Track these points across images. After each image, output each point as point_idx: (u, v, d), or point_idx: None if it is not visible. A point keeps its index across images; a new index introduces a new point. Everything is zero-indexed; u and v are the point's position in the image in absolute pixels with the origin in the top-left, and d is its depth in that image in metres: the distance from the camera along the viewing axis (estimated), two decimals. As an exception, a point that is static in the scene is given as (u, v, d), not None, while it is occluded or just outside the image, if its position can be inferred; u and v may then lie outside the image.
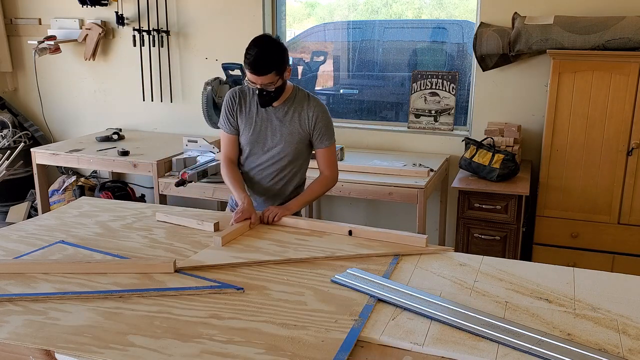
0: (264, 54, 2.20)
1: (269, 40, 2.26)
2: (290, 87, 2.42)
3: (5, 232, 2.26)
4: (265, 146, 2.45)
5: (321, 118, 2.41)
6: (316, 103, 2.42)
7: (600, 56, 2.98)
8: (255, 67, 2.20)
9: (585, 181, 3.11)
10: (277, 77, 2.25)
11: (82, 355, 1.39)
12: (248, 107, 2.44)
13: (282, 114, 2.41)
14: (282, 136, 2.42)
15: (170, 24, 4.28)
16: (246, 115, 2.44)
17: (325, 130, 2.43)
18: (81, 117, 4.79)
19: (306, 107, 2.41)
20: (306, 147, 2.48)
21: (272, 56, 2.22)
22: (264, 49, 2.20)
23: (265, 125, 2.43)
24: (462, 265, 1.93)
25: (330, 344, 1.43)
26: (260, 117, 2.43)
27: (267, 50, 2.21)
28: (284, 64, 2.27)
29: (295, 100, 2.41)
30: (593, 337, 1.47)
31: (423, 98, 3.83)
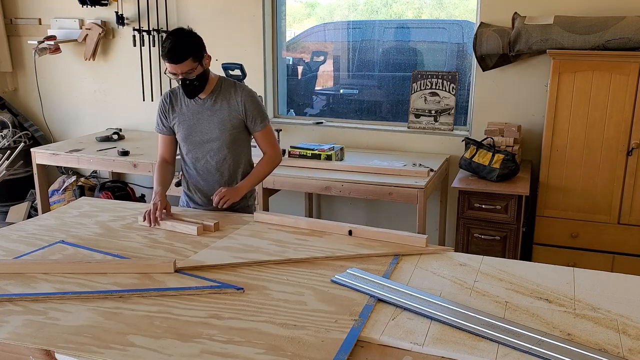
0: (179, 42, 2.28)
1: (181, 31, 2.35)
2: (215, 78, 2.48)
3: (5, 232, 2.26)
4: (202, 138, 2.50)
5: (250, 103, 2.47)
6: (242, 89, 2.50)
7: (600, 56, 2.98)
8: (172, 55, 2.27)
9: (585, 181, 3.11)
10: (195, 63, 2.31)
11: (82, 355, 1.39)
12: (179, 105, 2.50)
13: (210, 104, 2.47)
14: (215, 125, 2.48)
15: (170, 24, 4.28)
16: (178, 113, 2.50)
17: (257, 113, 2.50)
18: (81, 117, 4.79)
19: (234, 95, 2.47)
20: (243, 133, 2.54)
21: (187, 43, 2.30)
22: (178, 38, 2.29)
23: (197, 118, 2.48)
24: (462, 265, 1.93)
25: (330, 344, 1.43)
26: (191, 111, 2.49)
27: (181, 38, 2.30)
28: (200, 50, 2.34)
29: (222, 89, 2.48)
30: (593, 337, 1.47)
31: (423, 98, 3.83)
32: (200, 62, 2.34)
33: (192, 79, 2.34)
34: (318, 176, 3.23)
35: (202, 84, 2.40)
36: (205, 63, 2.37)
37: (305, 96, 4.50)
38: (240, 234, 2.22)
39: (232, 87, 2.49)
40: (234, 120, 2.48)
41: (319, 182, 3.22)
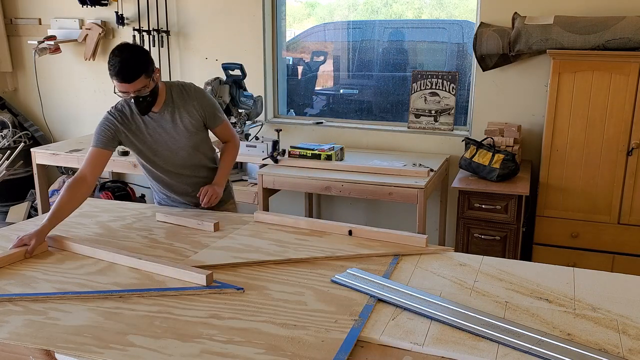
0: (129, 60, 2.18)
1: (128, 47, 2.24)
2: (163, 88, 2.39)
3: (5, 232, 2.26)
4: (171, 151, 2.45)
5: (205, 102, 2.47)
6: (193, 90, 2.46)
7: (600, 56, 2.98)
8: (124, 75, 2.17)
9: (585, 181, 3.11)
10: (147, 79, 2.22)
11: (82, 355, 1.39)
12: (133, 124, 2.40)
13: (169, 116, 2.40)
14: (181, 135, 2.43)
15: (170, 24, 4.28)
16: (135, 132, 2.40)
17: (214, 111, 2.51)
18: (81, 117, 4.79)
19: (188, 100, 2.43)
20: (204, 131, 2.54)
21: (137, 60, 2.20)
22: (126, 55, 2.18)
23: (159, 133, 2.41)
24: (462, 265, 1.92)
25: (330, 344, 1.43)
26: (150, 128, 2.40)
27: (131, 55, 2.19)
28: (151, 65, 2.24)
29: (173, 98, 2.40)
30: (593, 337, 1.47)
31: (423, 98, 3.83)
32: (152, 77, 2.25)
33: (146, 96, 2.25)
34: (318, 176, 3.23)
35: (155, 99, 2.32)
36: (156, 77, 2.28)
37: (305, 96, 4.50)
38: (240, 234, 2.22)
39: (182, 92, 2.43)
40: (196, 124, 2.46)
41: (319, 182, 3.22)
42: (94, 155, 2.35)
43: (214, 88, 3.45)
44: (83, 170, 2.32)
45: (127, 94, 2.23)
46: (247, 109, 3.66)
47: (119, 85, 2.22)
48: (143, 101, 2.27)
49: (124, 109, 2.41)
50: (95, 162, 2.35)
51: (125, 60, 2.17)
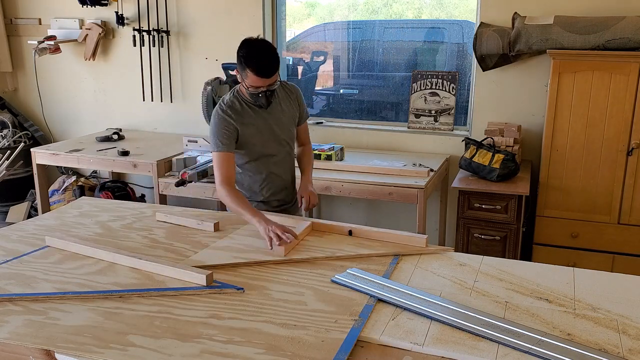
0: (270, 57, 2.23)
1: (263, 42, 2.27)
2: None
3: (5, 232, 2.27)
4: (278, 140, 2.47)
5: (301, 98, 2.56)
6: (291, 85, 2.55)
7: (600, 56, 2.98)
8: (267, 71, 2.22)
9: (585, 181, 3.11)
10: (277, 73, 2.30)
11: (82, 355, 1.39)
12: (245, 116, 2.39)
13: (277, 106, 2.45)
14: (285, 124, 2.49)
15: (170, 24, 4.28)
16: (247, 125, 2.39)
17: (305, 106, 2.59)
18: (81, 117, 4.79)
19: (289, 93, 2.51)
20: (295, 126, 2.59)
21: (276, 56, 2.26)
22: (268, 53, 2.23)
23: (268, 123, 2.43)
24: (462, 265, 1.93)
25: (330, 344, 1.43)
26: (261, 118, 2.41)
27: (271, 52, 2.24)
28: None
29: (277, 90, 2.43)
30: (593, 337, 1.47)
31: (423, 98, 3.83)
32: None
33: (274, 89, 2.31)
34: (318, 176, 3.22)
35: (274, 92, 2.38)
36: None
37: (305, 96, 4.49)
38: (240, 234, 2.22)
39: (283, 86, 2.51)
40: (293, 118, 2.53)
41: (319, 182, 3.22)
42: (224, 161, 2.35)
43: (214, 88, 3.45)
44: (225, 175, 2.34)
45: (258, 88, 2.26)
46: (247, 109, 3.66)
47: (256, 80, 2.23)
48: (271, 94, 2.33)
49: (234, 104, 2.39)
50: (228, 165, 2.37)
51: (268, 57, 2.22)
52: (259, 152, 2.45)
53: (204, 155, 3.54)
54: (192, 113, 4.27)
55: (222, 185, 2.31)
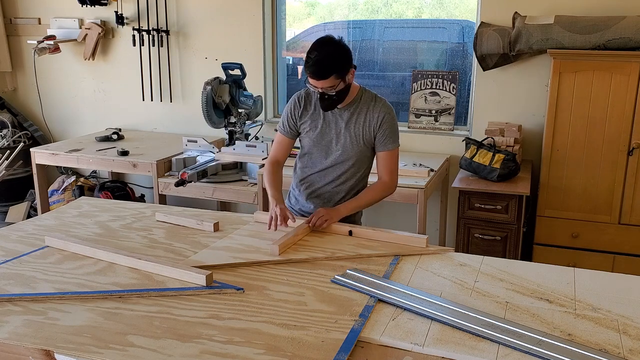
0: (323, 58, 2.14)
1: (329, 42, 2.18)
2: (355, 88, 2.33)
3: (5, 232, 2.26)
4: (330, 149, 2.37)
5: (387, 119, 2.31)
6: (382, 103, 2.33)
7: (601, 56, 2.98)
8: (315, 71, 2.14)
9: (585, 181, 3.11)
10: (337, 80, 2.17)
11: (82, 355, 1.39)
12: (313, 109, 2.36)
13: (347, 116, 2.33)
14: (346, 139, 2.34)
15: (170, 23, 4.28)
16: (311, 117, 2.37)
17: (390, 132, 2.32)
18: (81, 117, 4.78)
19: (372, 108, 2.32)
20: (370, 151, 2.38)
21: (332, 60, 2.15)
22: (323, 53, 2.14)
23: (330, 128, 2.36)
24: (463, 266, 1.92)
25: (330, 344, 1.42)
26: (326, 120, 2.36)
27: (327, 53, 2.14)
28: (345, 67, 2.18)
29: (361, 101, 2.32)
30: (594, 337, 1.47)
31: (423, 98, 3.83)
32: (344, 78, 2.19)
33: (332, 94, 2.21)
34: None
35: (341, 98, 2.26)
36: (348, 79, 2.22)
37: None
38: (240, 234, 2.22)
39: (372, 101, 2.33)
40: (367, 136, 2.33)
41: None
42: (280, 141, 2.46)
43: (214, 88, 3.45)
44: (274, 155, 2.47)
45: (316, 88, 2.21)
46: (247, 109, 3.66)
47: (310, 79, 2.19)
48: (328, 99, 2.23)
49: (313, 93, 2.35)
50: (282, 147, 2.47)
51: (321, 57, 2.14)
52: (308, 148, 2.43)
53: (203, 155, 3.54)
54: (192, 113, 4.27)
55: (268, 161, 2.47)
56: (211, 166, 3.34)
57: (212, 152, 3.56)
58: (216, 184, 3.36)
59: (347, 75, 2.21)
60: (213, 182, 3.36)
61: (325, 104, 2.26)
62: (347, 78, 2.22)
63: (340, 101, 2.28)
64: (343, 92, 2.25)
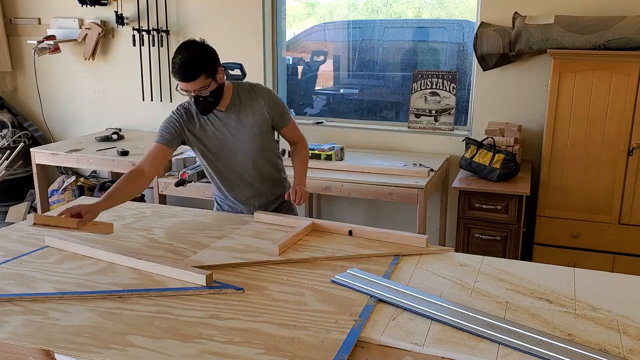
0: (189, 59, 2.14)
1: (191, 45, 2.19)
2: (230, 87, 2.36)
3: (4, 232, 2.26)
4: (234, 151, 2.40)
5: (272, 101, 2.42)
6: (260, 89, 2.42)
7: (601, 56, 2.98)
8: (183, 73, 2.14)
9: (585, 181, 3.11)
10: (208, 80, 2.19)
11: (82, 355, 1.39)
12: (197, 123, 2.37)
13: (235, 116, 2.36)
14: (245, 135, 2.38)
15: (170, 23, 4.28)
16: (199, 131, 2.37)
17: (281, 110, 2.45)
18: (81, 117, 4.78)
19: (255, 98, 2.38)
20: (270, 133, 2.49)
21: (198, 59, 2.16)
22: (188, 54, 2.15)
23: (223, 133, 2.38)
24: (463, 266, 1.92)
25: (330, 344, 1.42)
26: (215, 128, 2.37)
27: (192, 54, 2.15)
28: (213, 65, 2.20)
29: (240, 98, 2.36)
30: (594, 337, 1.47)
31: (423, 98, 3.83)
32: (214, 77, 2.21)
33: (206, 96, 2.23)
34: (318, 176, 3.22)
35: (217, 99, 2.28)
36: (218, 78, 2.24)
37: (305, 96, 4.50)
38: (240, 234, 2.22)
39: (250, 92, 2.39)
40: (262, 123, 2.40)
41: (319, 182, 3.21)
42: (155, 151, 2.33)
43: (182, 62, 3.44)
44: (142, 163, 2.31)
45: (188, 93, 2.21)
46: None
47: (180, 84, 2.19)
48: (203, 101, 2.24)
49: (191, 107, 2.38)
50: (154, 157, 2.32)
51: (186, 58, 2.14)
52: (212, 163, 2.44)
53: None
54: (192, 113, 4.26)
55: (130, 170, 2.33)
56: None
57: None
58: (216, 184, 3.35)
59: (217, 75, 2.22)
60: (213, 182, 3.35)
61: (202, 106, 2.27)
62: (218, 77, 2.23)
63: (216, 102, 2.29)
64: (217, 93, 2.26)
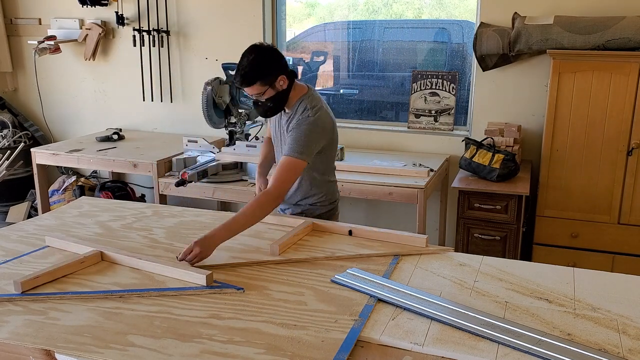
0: (248, 65, 2.16)
1: (253, 50, 2.19)
2: (297, 95, 2.30)
3: (5, 232, 2.26)
4: (279, 152, 2.43)
5: (296, 127, 2.24)
6: (305, 114, 2.25)
7: (601, 56, 2.98)
8: (239, 79, 2.18)
9: (585, 181, 3.11)
10: (264, 87, 2.18)
11: (82, 355, 1.39)
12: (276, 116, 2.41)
13: (285, 121, 2.36)
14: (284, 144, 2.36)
15: (170, 24, 4.28)
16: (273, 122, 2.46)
17: (291, 139, 2.22)
18: (81, 117, 4.79)
19: (297, 116, 2.28)
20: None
21: (253, 67, 2.16)
22: (249, 60, 2.16)
23: (278, 134, 2.42)
24: (462, 265, 1.92)
25: (330, 344, 1.43)
26: (278, 126, 2.41)
27: (252, 60, 2.16)
28: (270, 73, 2.18)
29: (297, 109, 2.30)
30: (593, 337, 1.47)
31: (423, 98, 3.83)
32: (272, 85, 2.19)
33: (263, 101, 2.24)
34: (318, 176, 3.22)
35: (277, 105, 2.26)
36: (278, 85, 2.20)
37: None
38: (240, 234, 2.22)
39: (304, 110, 2.27)
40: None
41: (319, 182, 3.21)
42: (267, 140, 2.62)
43: (214, 88, 3.45)
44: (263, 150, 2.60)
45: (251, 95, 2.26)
46: (247, 109, 3.66)
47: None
48: (262, 105, 2.26)
49: None
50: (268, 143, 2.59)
51: (245, 63, 2.16)
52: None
53: (203, 155, 3.54)
54: (192, 113, 4.27)
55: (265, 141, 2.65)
56: (211, 166, 3.34)
57: (212, 152, 3.56)
58: (216, 184, 3.36)
59: (276, 83, 2.20)
60: (213, 182, 3.36)
61: (259, 110, 2.30)
62: (277, 85, 2.21)
63: (276, 109, 2.29)
64: (276, 100, 2.24)
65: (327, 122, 2.30)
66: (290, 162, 2.18)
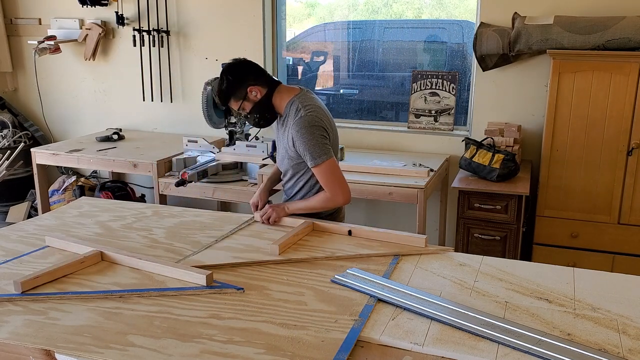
0: (219, 87, 2.29)
1: (223, 70, 2.29)
2: (286, 98, 2.30)
3: (5, 232, 2.26)
4: (277, 160, 2.49)
5: (297, 138, 2.22)
6: (296, 121, 2.23)
7: (601, 56, 2.98)
8: (218, 100, 2.38)
9: (585, 181, 3.11)
10: (239, 102, 2.27)
11: (82, 355, 1.39)
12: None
13: (281, 130, 2.38)
14: (283, 148, 2.38)
15: (170, 24, 4.28)
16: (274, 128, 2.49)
17: (304, 150, 2.22)
18: (81, 117, 4.79)
19: (290, 124, 2.27)
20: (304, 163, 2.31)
21: (225, 86, 2.26)
22: (219, 81, 2.29)
23: (278, 140, 2.45)
24: (462, 265, 1.92)
25: (330, 344, 1.43)
26: (276, 129, 2.44)
27: (221, 82, 2.28)
28: (239, 88, 2.24)
29: (289, 111, 2.29)
30: (593, 337, 1.47)
31: (423, 98, 3.83)
32: (244, 98, 2.25)
33: (248, 114, 2.32)
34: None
35: (262, 115, 2.32)
36: (252, 97, 2.25)
37: (305, 96, 4.49)
38: (240, 234, 2.22)
39: (296, 112, 2.25)
40: (290, 151, 2.31)
41: (319, 182, 3.21)
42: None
43: (214, 88, 3.45)
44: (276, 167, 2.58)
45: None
46: (247, 109, 3.66)
47: None
48: (250, 118, 2.35)
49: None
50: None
51: (218, 86, 2.31)
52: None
53: (203, 155, 3.54)
54: (192, 113, 4.27)
55: None
56: (211, 166, 3.34)
57: (212, 152, 3.56)
58: (216, 184, 3.36)
59: (249, 95, 2.26)
60: (213, 182, 3.36)
61: (250, 122, 2.40)
62: (251, 96, 2.27)
63: (264, 118, 2.35)
64: (257, 110, 2.31)
65: (322, 117, 2.28)
66: (321, 170, 2.24)
